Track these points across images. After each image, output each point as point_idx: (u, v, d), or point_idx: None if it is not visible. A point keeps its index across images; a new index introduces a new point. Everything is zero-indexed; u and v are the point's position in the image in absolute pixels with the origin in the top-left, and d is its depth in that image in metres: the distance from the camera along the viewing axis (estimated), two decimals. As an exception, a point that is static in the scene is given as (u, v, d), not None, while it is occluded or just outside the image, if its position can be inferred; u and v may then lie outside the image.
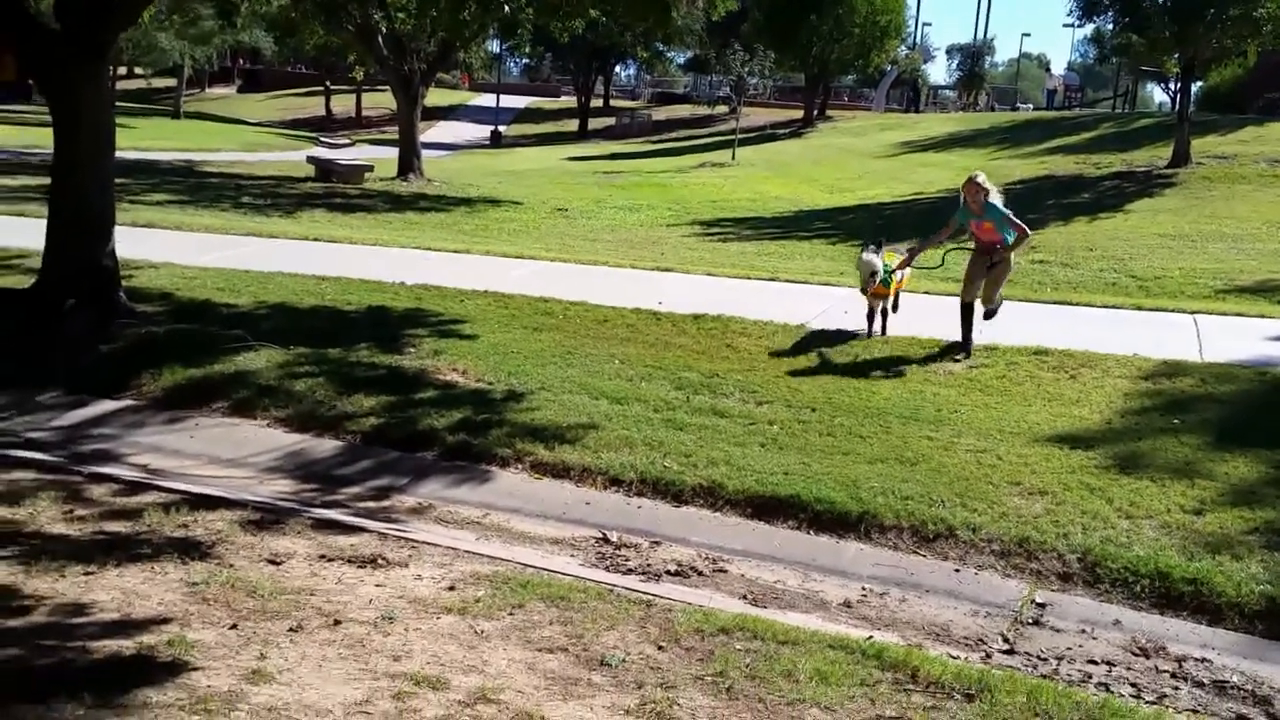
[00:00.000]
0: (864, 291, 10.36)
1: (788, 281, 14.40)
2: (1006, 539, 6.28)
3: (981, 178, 9.87)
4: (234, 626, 4.73)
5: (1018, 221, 9.92)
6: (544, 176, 31.53)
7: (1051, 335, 10.64)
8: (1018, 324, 10.83)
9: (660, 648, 4.84)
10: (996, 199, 9.84)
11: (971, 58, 62.43)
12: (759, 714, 4.30)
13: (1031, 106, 53.68)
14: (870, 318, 10.68)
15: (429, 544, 5.95)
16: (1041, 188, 24.00)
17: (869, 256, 10.18)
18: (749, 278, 14.67)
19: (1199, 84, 35.34)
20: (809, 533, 6.56)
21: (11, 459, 6.74)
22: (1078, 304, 12.96)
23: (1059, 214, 20.82)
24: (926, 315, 11.26)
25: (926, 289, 12.91)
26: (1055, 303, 13.16)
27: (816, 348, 10.36)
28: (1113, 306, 12.86)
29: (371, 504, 6.72)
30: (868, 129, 40.18)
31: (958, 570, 6.07)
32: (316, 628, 4.78)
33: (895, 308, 11.02)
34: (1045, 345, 10.22)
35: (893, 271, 10.38)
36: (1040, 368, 9.69)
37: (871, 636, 5.07)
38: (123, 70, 56.09)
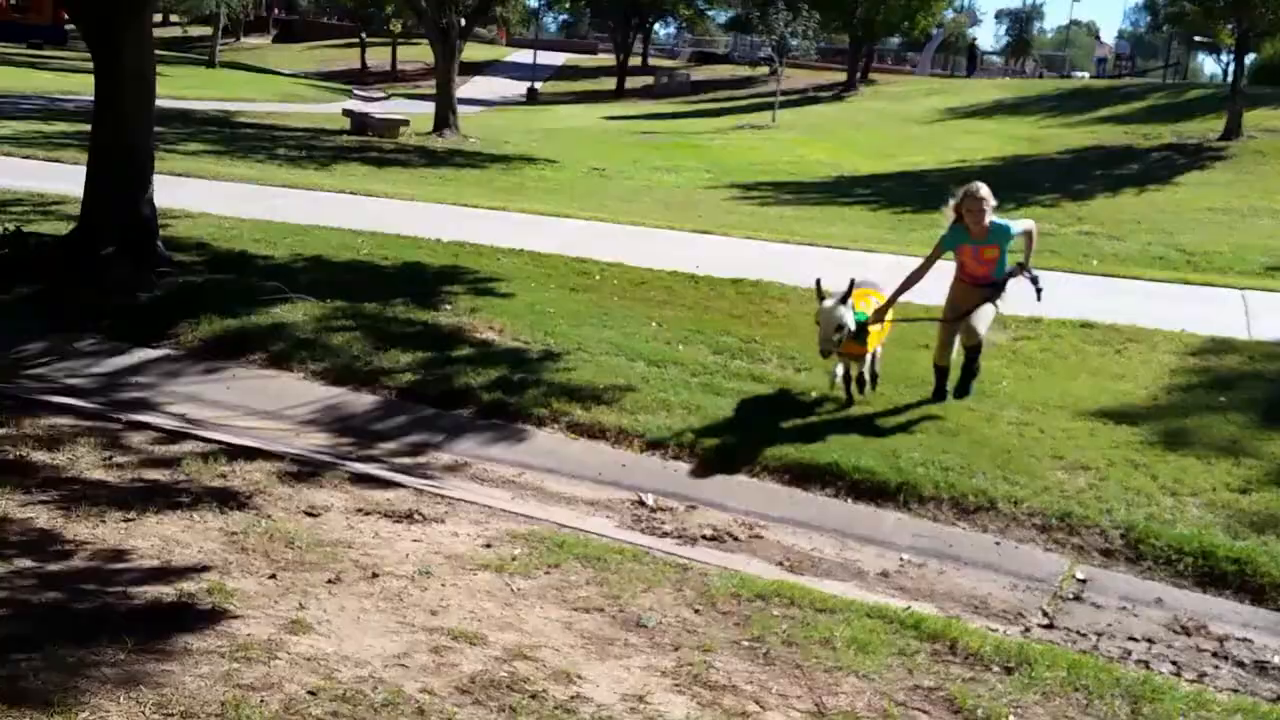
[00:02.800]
0: (825, 354, 7.36)
1: (828, 247, 14.30)
2: (1048, 513, 6.21)
3: (985, 189, 7.39)
4: (273, 576, 4.74)
5: (1023, 226, 7.72)
6: (580, 135, 31.39)
7: (1097, 308, 10.51)
8: (1063, 296, 10.68)
9: (696, 611, 4.82)
10: (1007, 220, 7.71)
11: (1020, 23, 61.54)
12: (795, 680, 4.28)
13: (1087, 75, 52.81)
14: (846, 381, 7.81)
15: (465, 501, 5.94)
16: (1089, 157, 23.69)
17: (832, 307, 7.18)
18: (788, 242, 14.56)
19: (1252, 56, 34.64)
20: (847, 501, 6.51)
21: (51, 405, 6.76)
22: (1124, 277, 12.82)
23: (1107, 185, 20.55)
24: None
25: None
26: (1101, 275, 13.02)
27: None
28: (1160, 281, 12.70)
29: (407, 460, 6.72)
30: (912, 94, 39.72)
31: (998, 543, 6.01)
32: (354, 580, 4.78)
33: (875, 376, 8.07)
34: (1091, 318, 10.10)
35: (868, 323, 7.39)
36: (1085, 341, 9.58)
37: (910, 607, 5.04)
38: (158, 18, 56.11)
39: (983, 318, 7.52)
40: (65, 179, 13.53)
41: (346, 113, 29.12)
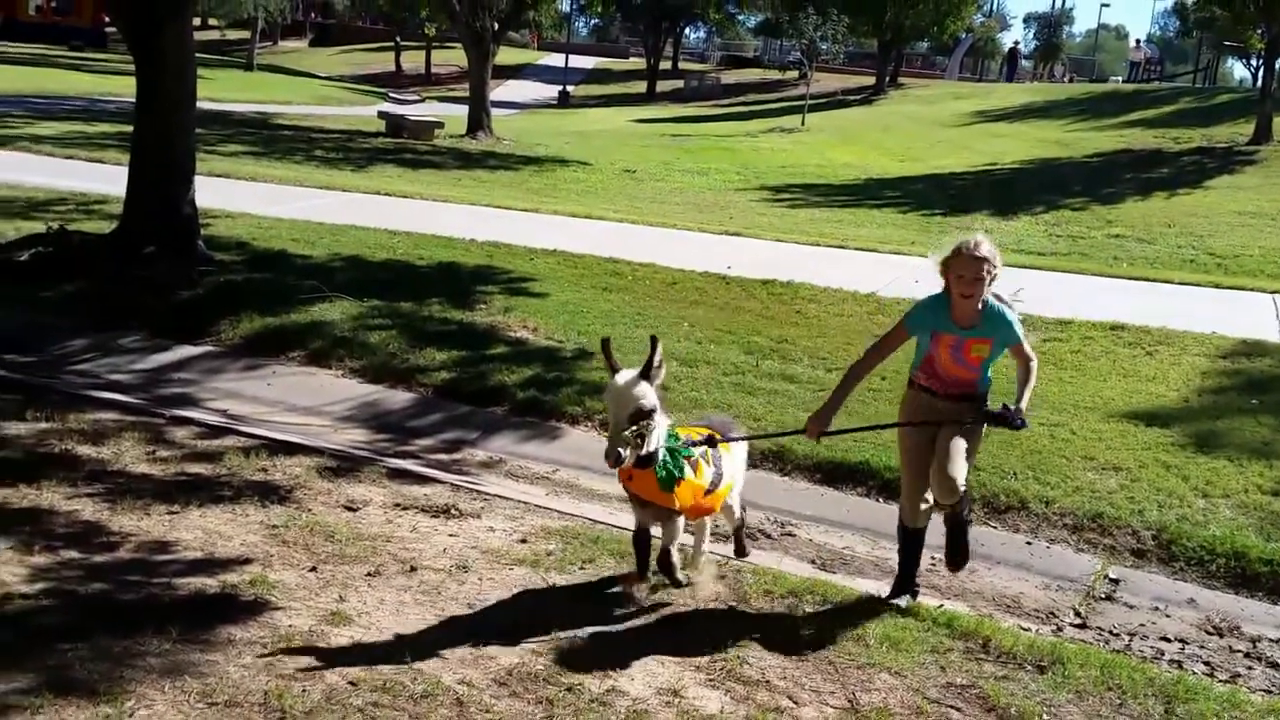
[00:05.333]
0: (613, 461, 4.49)
1: (857, 249, 14.31)
2: (1080, 513, 6.23)
3: (989, 246, 4.77)
4: (313, 569, 4.83)
5: (1028, 348, 4.96)
6: (611, 138, 31.45)
7: (1128, 311, 10.48)
8: (1093, 299, 10.68)
9: (730, 607, 4.86)
10: (1008, 309, 4.90)
11: (1049, 27, 61.12)
12: (829, 676, 4.32)
13: (1120, 80, 52.42)
14: (641, 551, 4.94)
15: (500, 497, 6.01)
16: (1119, 161, 23.54)
17: (627, 381, 4.51)
18: (818, 244, 14.59)
19: (1283, 60, 34.31)
20: (878, 500, 6.54)
21: (95, 400, 6.89)
22: (1155, 280, 12.76)
23: (1137, 188, 20.42)
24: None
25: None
26: (1131, 278, 12.97)
27: (886, 316, 10.28)
28: (1190, 284, 12.64)
29: (444, 456, 6.79)
30: (940, 97, 39.56)
31: (1029, 543, 6.03)
32: (393, 573, 4.86)
33: (740, 547, 5.46)
34: (1121, 321, 10.08)
35: (687, 455, 4.73)
36: (1116, 343, 9.56)
37: (942, 605, 5.07)
38: (197, 21, 56.53)
39: (957, 457, 4.79)
40: (107, 179, 13.71)
41: (382, 115, 29.31)
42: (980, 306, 4.77)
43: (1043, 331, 9.85)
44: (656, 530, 4.89)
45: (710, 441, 4.86)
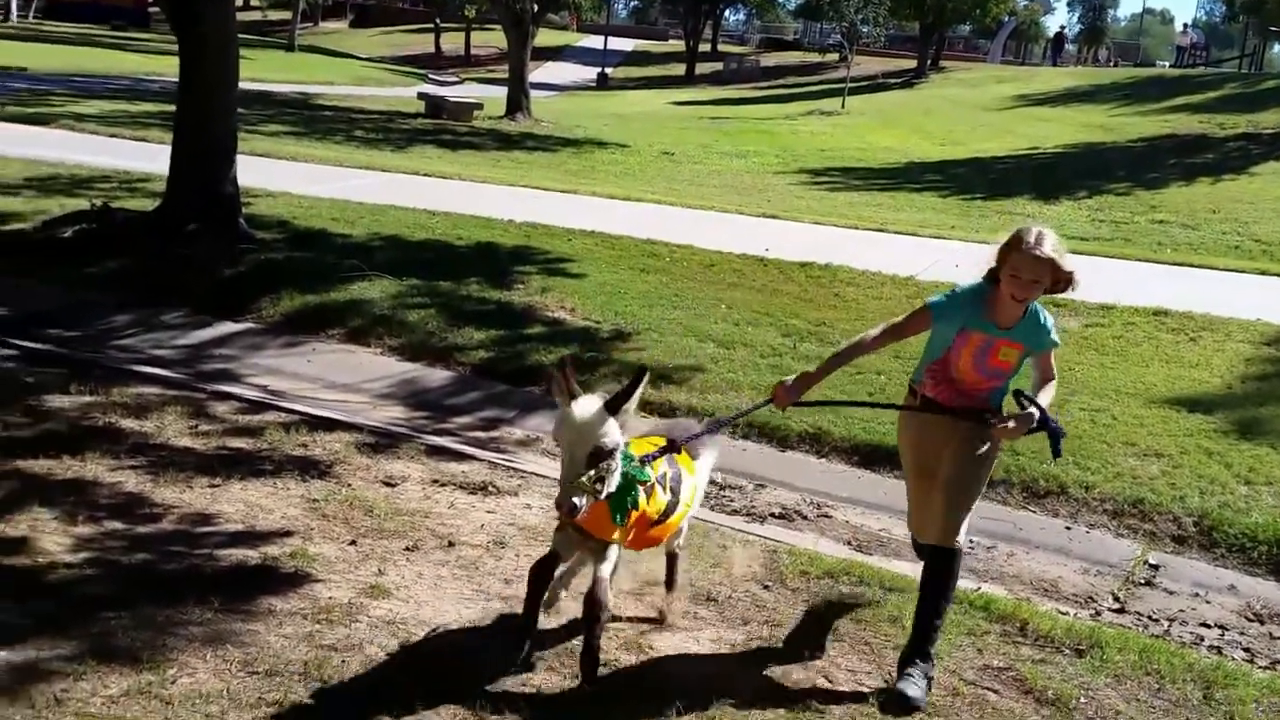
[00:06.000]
0: (565, 510, 3.67)
1: (896, 233, 14.23)
2: (1120, 499, 6.17)
3: (1053, 239, 3.97)
4: (353, 543, 4.87)
5: (1053, 366, 4.25)
6: (650, 120, 31.40)
7: (1171, 297, 10.37)
8: (1137, 284, 10.58)
9: (766, 587, 4.87)
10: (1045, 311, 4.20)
11: (1093, 11, 60.40)
12: (864, 656, 4.32)
13: (1166, 65, 51.72)
14: (541, 579, 3.96)
15: (537, 475, 6.03)
16: (1163, 146, 23.25)
17: (590, 414, 3.69)
18: (857, 228, 14.51)
19: (1333, 44, 33.78)
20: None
21: (138, 374, 6.97)
22: (1199, 266, 12.61)
23: (1181, 174, 20.17)
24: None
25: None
26: (1175, 264, 12.83)
27: (923, 300, 10.21)
28: (1235, 270, 12.49)
29: (481, 434, 6.82)
30: (982, 81, 39.21)
31: (1068, 528, 5.99)
32: (431, 548, 4.90)
33: (670, 579, 4.61)
34: (1165, 306, 9.97)
35: (641, 483, 3.92)
36: (1159, 329, 9.46)
37: (979, 588, 5.05)
38: (239, 2, 56.95)
39: (967, 484, 4.16)
40: (150, 158, 13.85)
41: (421, 96, 29.43)
42: (1024, 308, 4.04)
43: (1085, 317, 9.76)
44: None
45: (672, 447, 4.09)
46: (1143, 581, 5.50)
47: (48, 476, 5.22)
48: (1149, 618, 5.11)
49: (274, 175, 14.12)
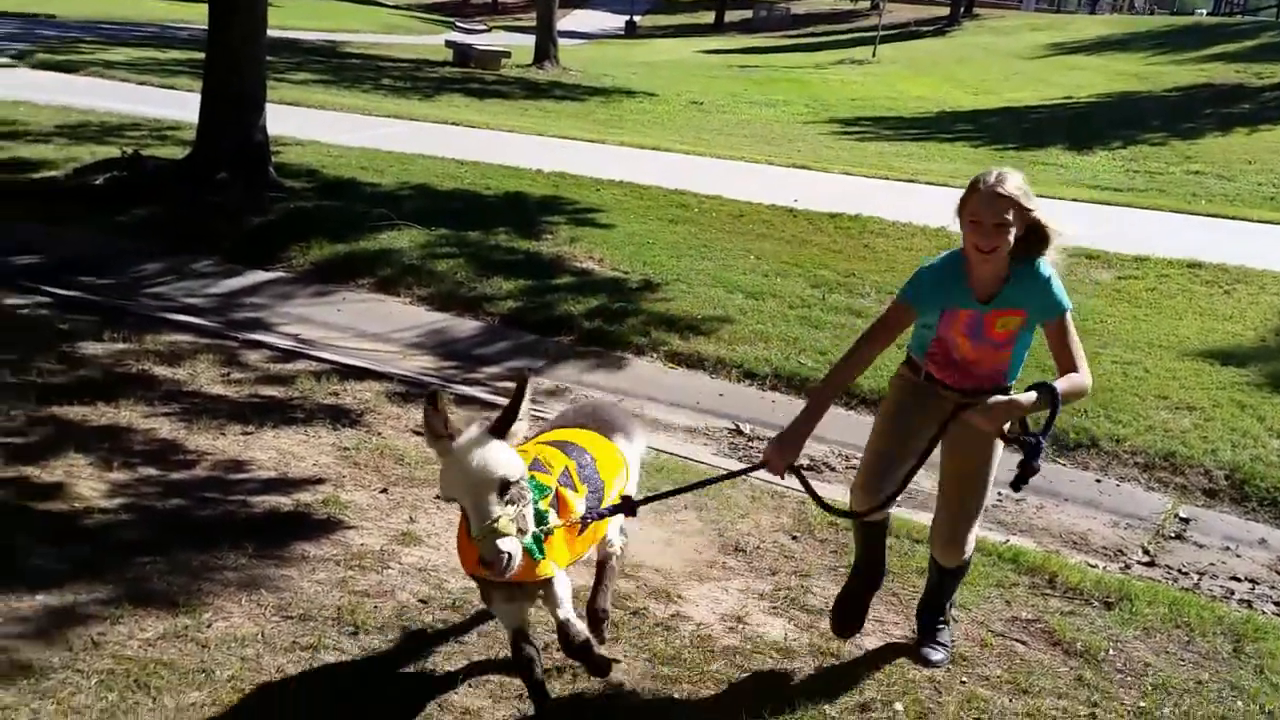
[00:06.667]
0: (487, 564, 2.96)
1: (928, 184, 14.11)
2: (1151, 452, 6.14)
3: (1017, 180, 3.51)
4: (384, 490, 4.91)
5: (1079, 347, 3.60)
6: (679, 69, 31.15)
7: (1205, 248, 10.26)
8: (1170, 235, 10.46)
9: (794, 538, 4.88)
10: (1052, 259, 3.60)
11: (1130, -43, 59.27)
12: (892, 607, 4.33)
13: (1204, 12, 50.76)
14: (517, 645, 3.36)
15: (566, 425, 6.04)
16: (1199, 96, 22.91)
17: (482, 449, 2.97)
18: (887, 178, 14.40)
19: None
20: (945, 435, 6.48)
21: (171, 322, 7.01)
22: (1233, 218, 12.46)
23: (1217, 124, 19.88)
24: (1068, 219, 10.89)
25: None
26: (1210, 215, 12.67)
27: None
28: (1271, 222, 12.33)
29: (510, 384, 6.80)
30: (1015, 29, 38.63)
31: (1098, 481, 5.96)
32: (462, 498, 4.92)
33: (598, 618, 3.80)
34: (1199, 258, 9.86)
35: (542, 498, 3.25)
36: (1193, 281, 9.37)
37: (1008, 540, 5.04)
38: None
39: (978, 486, 3.80)
40: (180, 105, 13.87)
41: (449, 44, 29.27)
42: (1006, 266, 3.50)
43: (1118, 268, 9.68)
44: None
45: (626, 509, 3.52)
46: (1173, 535, 5.48)
47: (83, 423, 5.27)
48: (1179, 571, 5.09)
49: (303, 124, 14.11)
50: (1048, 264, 3.56)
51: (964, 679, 3.86)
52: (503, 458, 2.98)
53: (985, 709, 3.69)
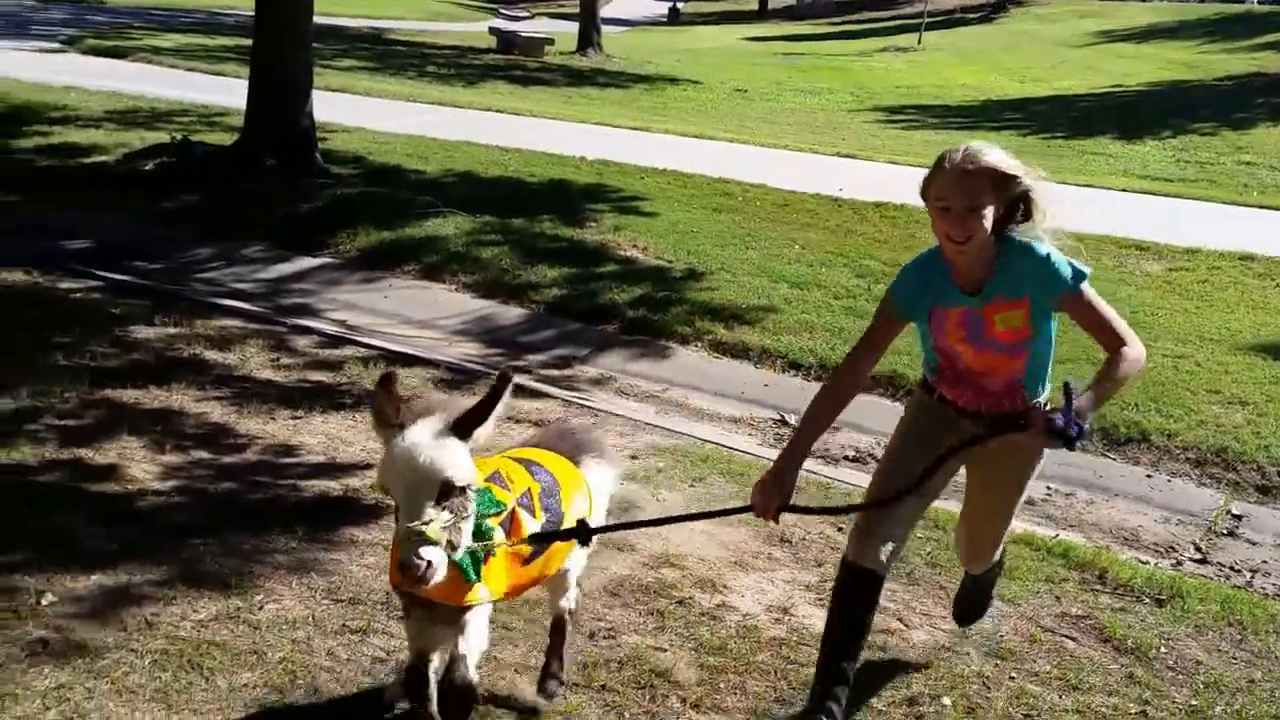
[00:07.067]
0: (409, 572, 2.60)
1: (974, 173, 13.97)
2: (1203, 447, 6.06)
3: (996, 155, 2.98)
4: (430, 477, 4.93)
5: (1114, 318, 3.02)
6: (722, 56, 31.04)
7: (1258, 241, 10.13)
8: (1222, 227, 10.32)
9: (840, 529, 4.85)
10: (1045, 235, 3.06)
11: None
12: (939, 601, 4.30)
13: (1257, 1, 49.93)
14: (414, 684, 3.01)
15: (610, 414, 6.06)
16: (1251, 85, 22.56)
17: (424, 440, 2.64)
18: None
19: None
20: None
21: (221, 307, 7.09)
22: (1288, 210, 12.27)
23: (1269, 114, 19.57)
24: (1117, 210, 10.81)
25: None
26: (1263, 207, 12.49)
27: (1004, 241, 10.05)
28: (1326, 214, 12.14)
29: (554, 372, 6.85)
30: (1063, 15, 38.17)
31: (1149, 476, 5.90)
32: (507, 485, 4.94)
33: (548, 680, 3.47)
34: (1251, 250, 9.72)
35: (491, 515, 2.88)
36: (1245, 274, 9.24)
37: (1057, 535, 5.00)
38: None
39: (1003, 515, 3.48)
40: (228, 92, 13.98)
41: (493, 31, 29.33)
42: (993, 254, 3.01)
43: (1169, 260, 9.57)
44: None
45: (578, 535, 3.07)
46: (1225, 532, 5.41)
47: (135, 406, 5.34)
48: (1231, 568, 5.03)
49: (349, 110, 14.19)
50: (1042, 244, 3.03)
51: (1013, 674, 3.83)
52: (452, 459, 2.64)
53: (1034, 705, 3.66)
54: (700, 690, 3.61)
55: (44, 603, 3.66)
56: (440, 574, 2.62)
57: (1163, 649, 4.06)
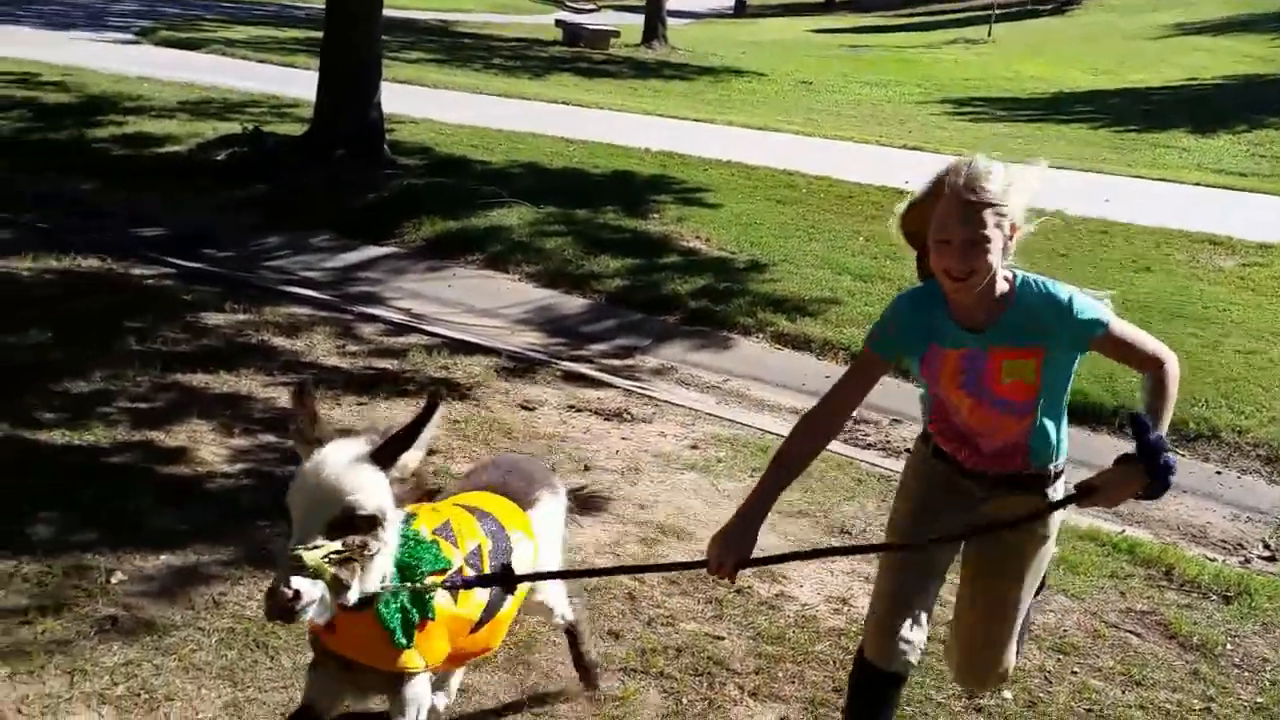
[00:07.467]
0: (278, 615, 2.24)
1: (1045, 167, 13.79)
2: (1274, 444, 5.95)
3: (1004, 175, 2.55)
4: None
5: (1144, 337, 2.68)
6: (788, 48, 30.85)
7: (1336, 236, 9.89)
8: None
9: (901, 522, 4.83)
10: (1068, 289, 2.65)
11: (1262, -68, 57.11)
12: (1001, 595, 4.27)
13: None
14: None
15: (671, 404, 6.08)
16: (1332, 79, 22.01)
17: (334, 463, 2.36)
18: (1001, 160, 14.10)
19: None
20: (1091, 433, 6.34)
21: (289, 295, 7.21)
22: (1368, 204, 11.97)
23: (1350, 108, 19.08)
24: (1190, 204, 10.57)
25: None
26: (1341, 202, 12.19)
27: (1073, 236, 9.92)
28: None
29: (616, 362, 6.88)
30: (1137, 7, 37.43)
31: (1219, 473, 5.80)
32: (568, 472, 4.97)
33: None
34: (1329, 246, 9.51)
35: (436, 573, 2.61)
36: (1321, 270, 9.04)
37: (1124, 531, 4.94)
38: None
39: (1007, 624, 2.90)
40: (298, 83, 14.15)
41: (559, 23, 29.38)
42: (1005, 290, 2.63)
43: (1242, 255, 9.38)
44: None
45: (501, 580, 2.73)
46: (1295, 530, 5.31)
47: (205, 390, 5.45)
48: (1301, 567, 4.93)
49: (416, 102, 14.31)
50: (1054, 283, 2.64)
51: (1075, 669, 3.80)
52: (360, 484, 2.33)
53: (1097, 700, 3.62)
54: (758, 679, 3.62)
55: (114, 581, 3.76)
56: (313, 611, 2.24)
57: (1229, 646, 4.00)
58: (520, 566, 2.84)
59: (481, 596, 2.73)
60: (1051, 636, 3.97)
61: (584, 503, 3.65)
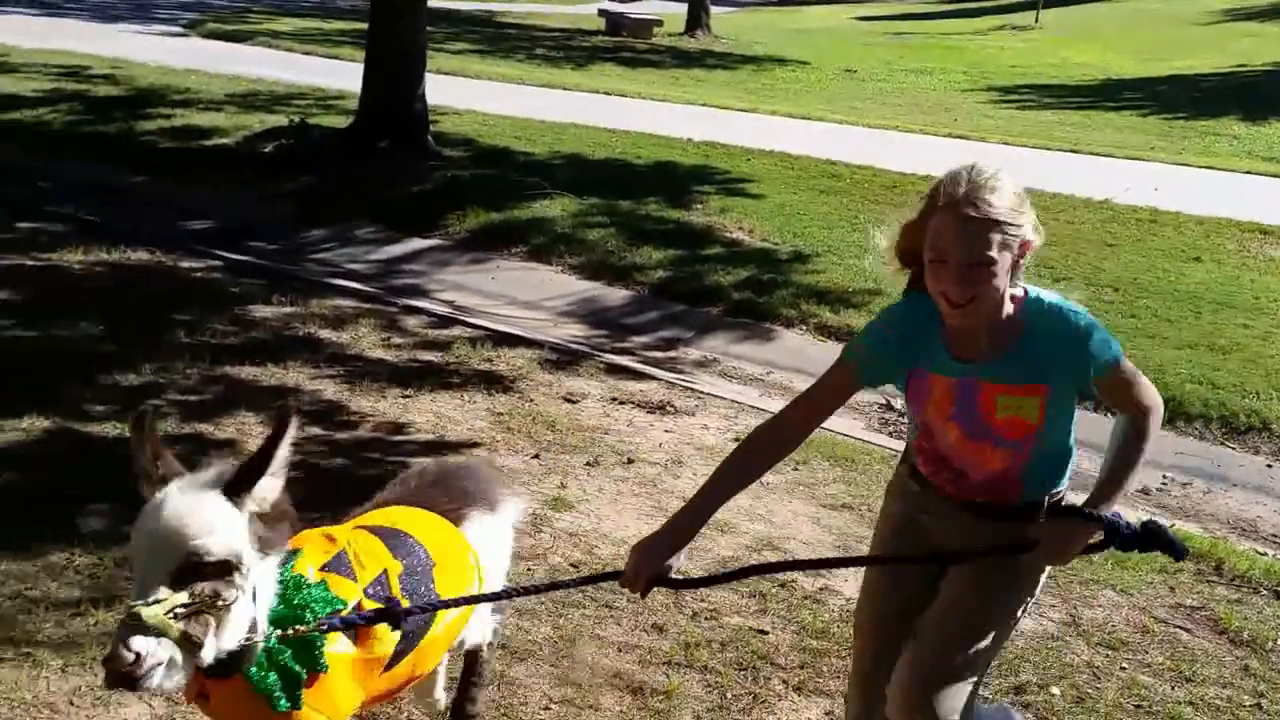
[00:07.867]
0: (117, 682, 1.90)
1: (1091, 154, 13.64)
2: (1328, 438, 5.86)
3: (1011, 191, 2.25)
4: (536, 456, 5.00)
5: (1140, 378, 2.40)
6: (832, 36, 30.66)
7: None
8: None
9: (946, 516, 4.80)
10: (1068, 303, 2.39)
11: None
12: (1048, 589, 4.22)
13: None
14: None
15: (714, 396, 6.07)
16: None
17: (174, 506, 2.00)
18: (1048, 148, 13.97)
19: None
20: (1107, 415, 6.28)
21: (334, 287, 7.27)
22: None
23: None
24: (1241, 192, 10.41)
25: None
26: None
27: (1121, 225, 9.80)
28: None
29: (658, 354, 6.88)
30: (1188, -8, 36.93)
31: (1269, 466, 5.72)
32: (611, 464, 4.99)
33: None
34: (1385, 235, 9.33)
35: (334, 613, 2.26)
36: (1376, 260, 8.87)
37: (1174, 525, 4.87)
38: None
39: (977, 623, 2.50)
40: (343, 75, 14.25)
41: (602, 13, 29.37)
42: (1011, 312, 2.34)
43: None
44: None
45: (387, 618, 2.31)
46: (1349, 525, 5.22)
47: (253, 382, 5.51)
48: (1355, 563, 4.85)
49: (460, 93, 14.36)
50: (1067, 303, 2.38)
51: (1124, 665, 3.76)
52: (208, 525, 1.99)
53: (1145, 696, 3.59)
54: (803, 673, 3.61)
55: (166, 571, 3.80)
56: (161, 676, 1.91)
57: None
58: (448, 589, 2.52)
59: (394, 637, 2.37)
60: (1100, 632, 3.94)
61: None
